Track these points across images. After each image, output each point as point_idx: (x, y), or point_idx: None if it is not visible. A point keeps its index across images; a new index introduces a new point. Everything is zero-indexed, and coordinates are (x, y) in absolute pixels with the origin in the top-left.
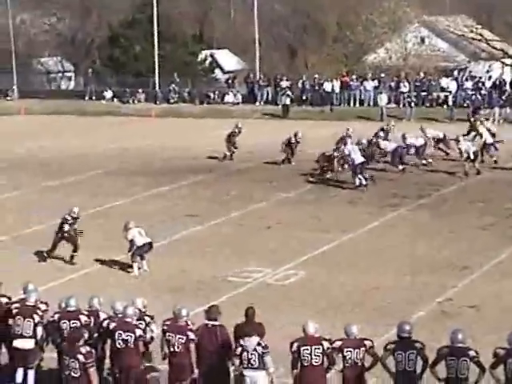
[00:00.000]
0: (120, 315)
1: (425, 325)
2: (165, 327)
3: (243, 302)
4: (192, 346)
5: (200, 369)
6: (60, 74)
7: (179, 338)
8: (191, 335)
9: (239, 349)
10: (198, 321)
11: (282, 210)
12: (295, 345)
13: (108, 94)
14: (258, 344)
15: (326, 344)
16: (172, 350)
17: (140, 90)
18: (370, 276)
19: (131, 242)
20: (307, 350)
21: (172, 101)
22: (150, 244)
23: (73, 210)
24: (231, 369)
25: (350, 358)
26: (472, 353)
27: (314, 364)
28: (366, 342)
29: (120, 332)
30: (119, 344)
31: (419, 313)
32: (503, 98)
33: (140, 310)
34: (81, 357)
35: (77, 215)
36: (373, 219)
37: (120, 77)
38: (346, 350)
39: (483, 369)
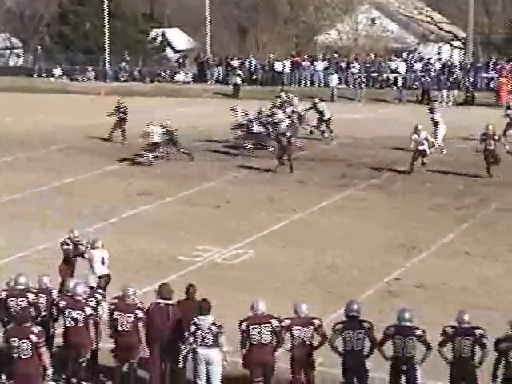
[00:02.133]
0: (70, 293)
1: (373, 304)
2: (112, 306)
3: (193, 281)
4: (140, 324)
5: (152, 347)
6: (8, 51)
7: (128, 317)
8: (139, 314)
9: (193, 327)
10: (147, 300)
11: (233, 190)
12: (244, 324)
13: (57, 71)
14: (213, 323)
15: (274, 322)
16: (120, 329)
17: (90, 68)
18: (319, 255)
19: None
20: (256, 328)
21: (122, 79)
22: (108, 276)
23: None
24: (183, 347)
25: (298, 337)
26: (419, 332)
27: (263, 342)
28: (314, 321)
29: (70, 310)
30: (69, 322)
31: (367, 292)
32: (451, 79)
33: (92, 287)
34: (33, 337)
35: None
36: (323, 199)
37: (70, 54)
38: (294, 328)
39: (429, 347)
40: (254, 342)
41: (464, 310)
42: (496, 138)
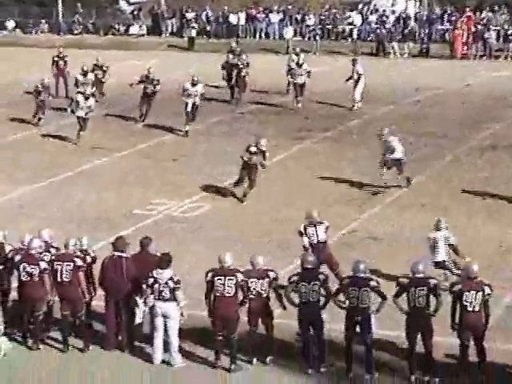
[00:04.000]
0: (25, 247)
1: None
2: (52, 257)
3: (148, 235)
4: (80, 273)
5: (106, 300)
6: None
7: (67, 265)
8: (78, 262)
9: (151, 280)
10: (102, 254)
11: (189, 143)
12: (210, 274)
13: (10, 24)
14: (171, 278)
15: (239, 276)
16: (60, 279)
17: (43, 21)
18: (275, 208)
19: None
20: (221, 280)
21: (76, 32)
22: None
23: None
24: (139, 299)
25: (254, 289)
26: (373, 283)
27: (226, 295)
28: (270, 274)
29: (24, 265)
30: (24, 276)
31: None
32: (406, 31)
33: (46, 241)
34: None
35: None
36: (279, 152)
37: (22, 6)
38: (250, 281)
39: (384, 297)
40: (218, 294)
41: (418, 261)
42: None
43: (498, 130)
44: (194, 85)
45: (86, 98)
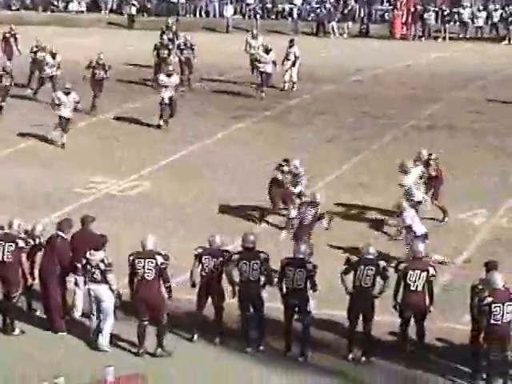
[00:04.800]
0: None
1: (267, 237)
2: None
3: (88, 213)
4: (23, 255)
5: (46, 279)
6: None
7: (9, 246)
8: (20, 243)
9: (84, 260)
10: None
11: (129, 121)
12: (131, 258)
13: None
14: (102, 260)
15: (159, 259)
16: (1, 259)
17: None
18: (213, 187)
19: None
20: (141, 263)
21: (14, 7)
22: None
23: None
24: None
25: (207, 266)
26: (309, 266)
27: (147, 278)
28: (224, 253)
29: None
30: None
31: (262, 224)
32: (345, 12)
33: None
34: None
35: None
36: (219, 130)
37: None
38: (204, 257)
39: (315, 286)
40: (139, 277)
41: (369, 243)
42: None
43: (436, 110)
44: (169, 76)
45: (67, 94)
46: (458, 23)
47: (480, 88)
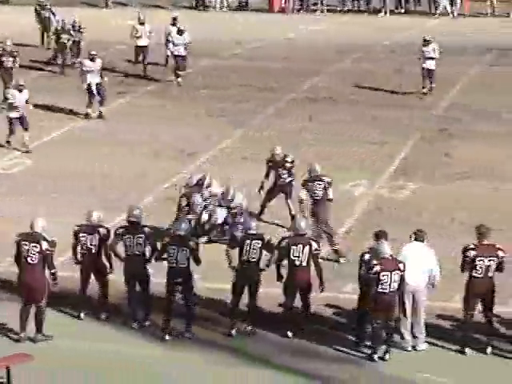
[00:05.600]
0: None
1: (152, 209)
2: None
3: None
4: None
5: None
6: None
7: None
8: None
9: None
10: None
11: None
12: (17, 239)
13: None
14: None
15: (44, 244)
16: None
17: None
18: (97, 163)
19: None
20: (26, 246)
21: None
22: None
23: None
24: None
25: (84, 244)
26: (192, 243)
27: (30, 262)
28: (100, 230)
29: None
30: None
31: (147, 198)
32: None
33: None
34: None
35: None
36: (102, 105)
37: None
38: (81, 235)
39: (198, 260)
40: (23, 260)
41: (254, 218)
42: None
43: (317, 83)
44: (93, 60)
45: (20, 91)
46: None
47: (357, 60)
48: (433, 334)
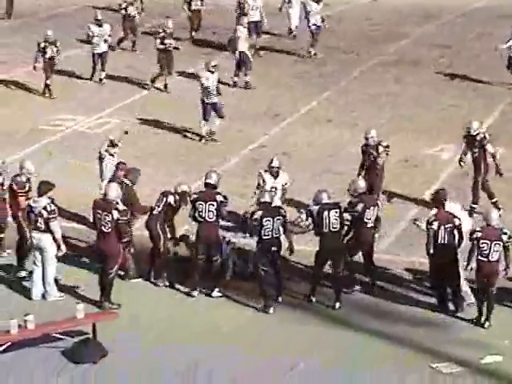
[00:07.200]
0: None
1: (236, 171)
2: None
3: (56, 150)
4: None
5: None
6: None
7: None
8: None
9: (28, 208)
10: (12, 168)
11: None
12: (92, 206)
13: None
14: (44, 208)
15: (115, 214)
16: None
17: None
18: (183, 124)
19: None
20: (99, 214)
21: None
22: None
23: None
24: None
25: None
26: (283, 211)
27: (103, 230)
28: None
29: None
30: None
31: (233, 160)
32: None
33: None
34: None
35: None
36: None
37: None
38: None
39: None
40: (98, 227)
41: (324, 190)
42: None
43: (402, 46)
44: (100, 25)
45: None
46: None
47: (446, 23)
48: None
